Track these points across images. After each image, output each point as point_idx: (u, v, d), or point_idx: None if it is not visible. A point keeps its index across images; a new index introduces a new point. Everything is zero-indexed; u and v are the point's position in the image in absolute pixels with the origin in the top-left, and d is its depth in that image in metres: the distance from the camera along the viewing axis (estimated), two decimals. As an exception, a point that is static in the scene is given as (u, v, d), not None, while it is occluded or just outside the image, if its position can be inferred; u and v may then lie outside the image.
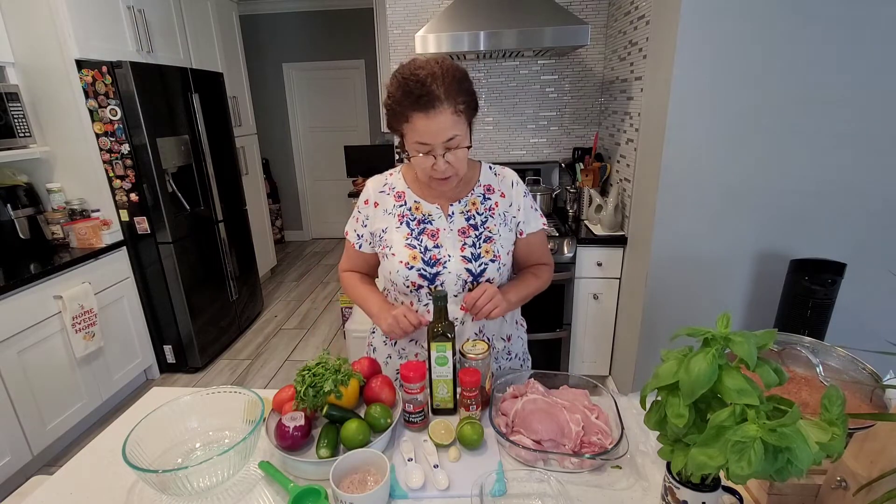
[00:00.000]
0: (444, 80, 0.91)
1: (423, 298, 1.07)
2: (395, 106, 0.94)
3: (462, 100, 0.93)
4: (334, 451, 0.86)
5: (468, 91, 0.95)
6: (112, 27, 2.51)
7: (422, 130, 0.92)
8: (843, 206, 1.73)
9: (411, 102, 0.91)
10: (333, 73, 5.07)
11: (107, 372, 2.42)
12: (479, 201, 1.09)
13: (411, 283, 1.05)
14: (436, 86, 0.90)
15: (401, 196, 1.10)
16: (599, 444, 0.87)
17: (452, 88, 0.91)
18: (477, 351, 0.98)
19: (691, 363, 0.59)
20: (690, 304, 1.92)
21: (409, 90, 0.91)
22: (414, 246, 1.05)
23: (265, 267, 4.21)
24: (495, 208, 1.09)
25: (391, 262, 1.06)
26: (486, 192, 1.10)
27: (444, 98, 0.90)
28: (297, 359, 3.03)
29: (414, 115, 0.91)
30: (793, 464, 0.53)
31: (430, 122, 0.91)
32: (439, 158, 0.94)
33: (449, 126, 0.92)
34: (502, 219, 1.09)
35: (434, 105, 0.90)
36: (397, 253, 1.06)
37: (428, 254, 1.05)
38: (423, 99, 0.90)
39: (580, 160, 2.62)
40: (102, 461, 0.92)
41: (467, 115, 0.96)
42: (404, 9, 2.64)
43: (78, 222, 2.38)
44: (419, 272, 1.04)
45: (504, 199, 1.10)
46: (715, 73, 1.64)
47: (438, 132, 0.92)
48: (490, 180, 1.11)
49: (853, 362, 0.85)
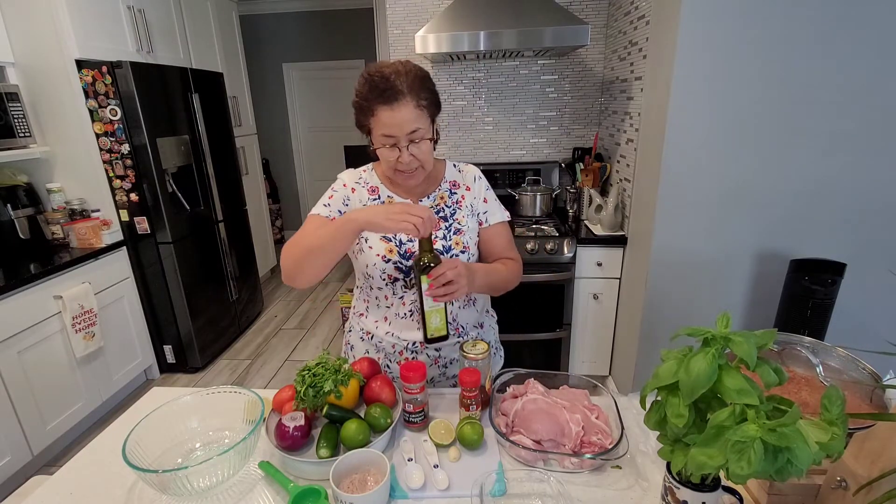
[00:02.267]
0: (408, 76, 0.97)
1: (399, 291, 1.10)
2: (361, 102, 1.00)
3: (424, 96, 0.98)
4: (334, 451, 0.86)
5: (430, 89, 1.01)
6: (112, 27, 2.51)
7: (386, 122, 0.97)
8: (843, 206, 1.73)
9: (376, 96, 0.96)
10: (333, 73, 5.07)
11: (107, 372, 2.42)
12: (446, 195, 1.14)
13: (388, 276, 1.09)
14: (399, 81, 0.95)
15: (374, 191, 1.14)
16: (599, 444, 0.87)
17: (415, 85, 0.97)
18: (477, 351, 0.98)
19: (691, 363, 0.59)
20: (690, 304, 1.92)
21: (374, 85, 0.96)
22: (389, 239, 1.09)
23: (265, 267, 4.21)
24: (462, 201, 1.14)
25: (368, 255, 1.09)
26: (452, 188, 1.15)
27: (406, 92, 0.95)
28: (297, 359, 3.03)
29: (379, 108, 0.96)
30: (793, 464, 0.53)
31: (394, 114, 0.96)
32: (404, 150, 0.99)
33: (412, 118, 0.97)
34: (469, 210, 1.14)
35: (397, 98, 0.95)
36: (374, 246, 1.08)
37: (403, 247, 1.08)
38: (387, 92, 0.95)
39: (580, 160, 2.62)
40: (102, 461, 0.92)
41: (430, 111, 1.01)
42: (404, 9, 2.64)
43: (78, 222, 2.38)
44: (395, 265, 1.08)
45: (469, 192, 1.16)
46: (715, 72, 1.64)
47: (402, 123, 0.96)
48: (454, 176, 1.17)
49: (853, 362, 0.85)
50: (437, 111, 1.04)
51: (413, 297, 1.10)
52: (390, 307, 1.12)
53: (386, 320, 1.14)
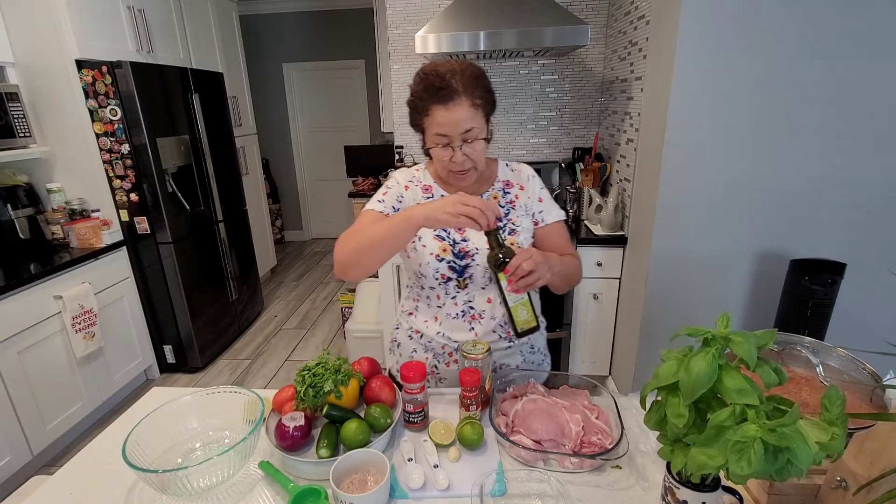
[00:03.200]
0: (463, 75, 0.96)
1: (451, 291, 1.09)
2: (416, 101, 1.00)
3: (479, 94, 0.98)
4: (334, 451, 0.86)
5: (485, 88, 1.00)
6: (112, 27, 2.51)
7: (441, 122, 0.96)
8: (843, 206, 1.73)
9: (431, 95, 0.96)
10: (333, 73, 5.07)
11: (107, 372, 2.42)
12: (500, 195, 1.13)
13: (441, 276, 1.07)
14: (455, 80, 0.95)
15: (428, 189, 1.13)
16: (599, 444, 0.87)
17: (470, 84, 0.96)
18: (477, 351, 0.98)
19: (691, 363, 0.59)
20: (690, 304, 1.92)
21: (429, 84, 0.96)
22: (443, 238, 1.08)
23: (265, 267, 4.21)
24: (516, 201, 1.12)
25: (421, 254, 1.07)
26: (505, 187, 1.14)
27: (462, 91, 0.95)
28: (297, 359, 3.03)
29: (433, 108, 0.96)
30: (793, 464, 0.53)
31: (448, 114, 0.95)
32: (457, 150, 0.98)
33: (466, 118, 0.96)
34: (524, 210, 1.12)
35: (452, 97, 0.95)
36: (428, 244, 1.07)
37: (457, 246, 1.07)
38: (442, 91, 0.95)
39: (580, 160, 2.62)
40: (102, 461, 0.92)
41: (485, 111, 1.00)
42: (404, 9, 2.64)
43: (78, 222, 2.38)
44: (449, 264, 1.06)
45: (523, 192, 1.14)
46: (715, 72, 1.64)
47: (456, 123, 0.96)
48: (508, 175, 1.15)
49: (853, 362, 0.85)
50: (492, 110, 1.04)
51: (466, 298, 1.09)
52: (442, 307, 1.11)
53: (436, 320, 1.12)
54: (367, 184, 3.99)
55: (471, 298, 1.09)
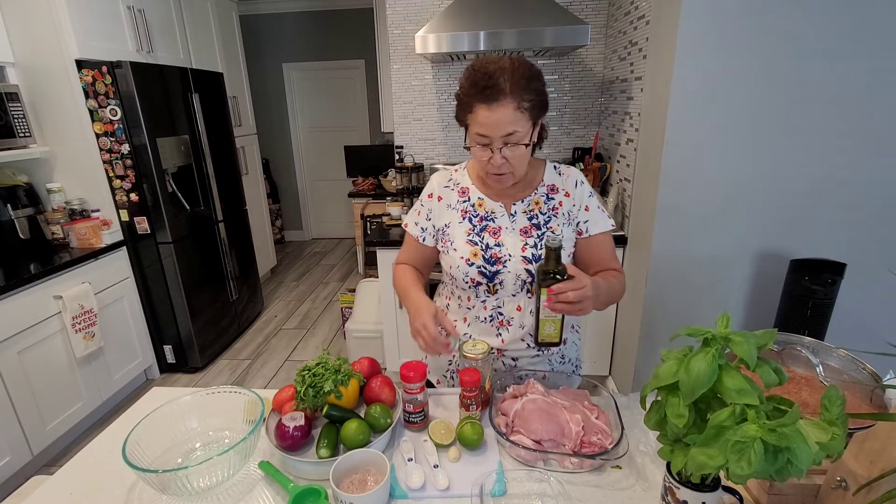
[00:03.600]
0: (514, 75, 0.91)
1: (482, 295, 1.08)
2: (462, 97, 0.96)
3: (528, 97, 0.92)
4: (334, 451, 0.86)
5: (537, 90, 0.94)
6: (112, 27, 2.51)
7: (482, 122, 0.93)
8: (843, 206, 1.73)
9: (476, 93, 0.92)
10: (333, 73, 5.07)
11: (107, 372, 2.42)
12: (542, 201, 1.08)
13: (470, 280, 1.06)
14: (503, 79, 0.90)
15: (465, 192, 1.11)
16: (599, 444, 0.87)
17: (520, 84, 0.91)
18: (477, 351, 0.98)
19: (691, 363, 0.59)
20: (690, 303, 1.92)
21: (476, 81, 0.92)
22: (475, 242, 1.06)
23: (265, 267, 4.21)
24: (559, 208, 1.07)
25: (452, 257, 1.07)
26: (549, 192, 1.08)
27: (508, 92, 0.90)
28: (297, 359, 3.03)
29: (477, 106, 0.93)
30: (793, 464, 0.53)
31: (490, 114, 0.91)
32: (496, 152, 0.95)
33: (509, 120, 0.91)
34: (566, 219, 1.07)
35: (497, 98, 0.90)
36: (459, 248, 1.07)
37: (489, 251, 1.05)
38: (487, 91, 0.91)
39: (580, 160, 2.62)
40: (102, 461, 0.92)
41: (532, 114, 0.94)
42: (404, 9, 2.64)
43: (78, 222, 2.38)
44: (479, 269, 1.05)
45: (568, 199, 1.08)
46: (715, 72, 1.63)
47: (498, 125, 0.92)
48: (554, 180, 1.10)
49: (853, 362, 0.85)
50: (542, 113, 0.98)
51: (496, 304, 1.08)
52: (471, 309, 1.10)
53: (465, 321, 1.12)
54: (367, 184, 3.99)
55: (500, 304, 1.08)
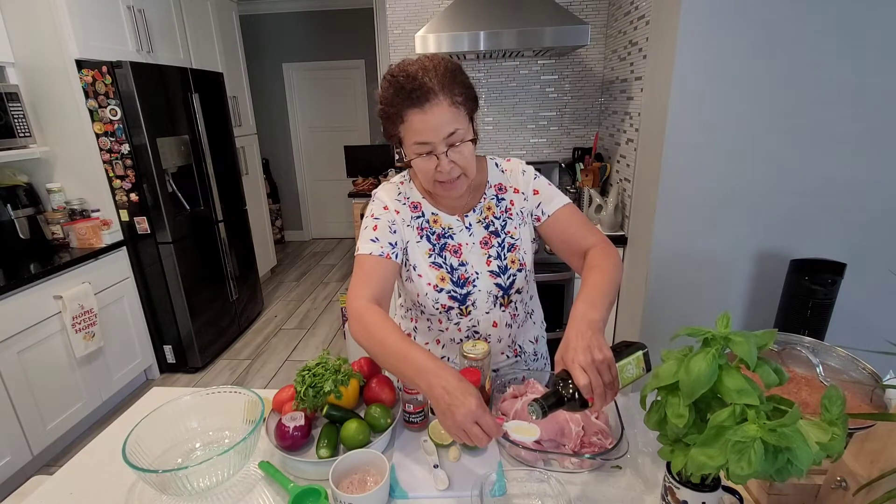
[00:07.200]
0: (437, 71, 0.83)
1: (454, 317, 1.02)
2: (388, 108, 0.86)
3: (459, 91, 0.85)
4: (334, 451, 0.86)
5: (464, 83, 0.87)
6: (112, 27, 2.51)
7: (419, 128, 0.84)
8: (844, 206, 1.73)
9: (404, 99, 0.83)
10: (333, 73, 5.07)
11: (107, 372, 2.42)
12: (493, 204, 1.01)
13: (441, 306, 1.00)
14: (428, 78, 0.82)
15: (417, 207, 1.01)
16: (599, 444, 0.87)
17: (446, 79, 0.84)
18: (477, 351, 0.98)
19: (691, 363, 0.59)
20: (690, 303, 1.92)
21: (400, 86, 0.83)
22: (440, 265, 0.98)
23: (265, 267, 4.21)
24: (511, 208, 1.02)
25: (418, 285, 0.99)
26: (498, 193, 1.02)
27: (438, 90, 0.82)
28: (297, 359, 3.03)
29: (408, 113, 0.83)
30: (793, 464, 0.53)
31: (426, 117, 0.83)
32: (442, 157, 0.86)
33: (448, 120, 0.84)
34: (520, 218, 1.02)
35: (429, 98, 0.82)
36: (424, 274, 0.98)
37: (455, 273, 0.98)
38: (415, 93, 0.82)
39: (580, 160, 2.62)
40: (102, 461, 0.92)
41: (467, 108, 0.88)
42: (404, 9, 2.64)
43: (78, 222, 2.38)
44: (449, 294, 0.98)
45: (518, 195, 1.02)
46: (715, 72, 1.63)
47: (437, 127, 0.83)
48: (499, 178, 1.03)
49: (853, 362, 0.85)
50: (475, 107, 0.90)
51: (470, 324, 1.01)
52: (444, 332, 1.05)
53: (439, 343, 1.07)
54: (367, 184, 3.99)
55: (475, 324, 1.03)
